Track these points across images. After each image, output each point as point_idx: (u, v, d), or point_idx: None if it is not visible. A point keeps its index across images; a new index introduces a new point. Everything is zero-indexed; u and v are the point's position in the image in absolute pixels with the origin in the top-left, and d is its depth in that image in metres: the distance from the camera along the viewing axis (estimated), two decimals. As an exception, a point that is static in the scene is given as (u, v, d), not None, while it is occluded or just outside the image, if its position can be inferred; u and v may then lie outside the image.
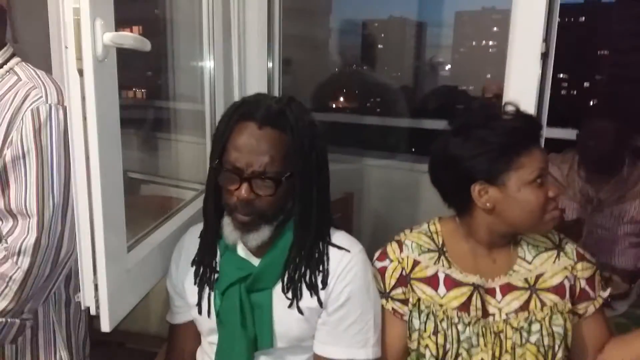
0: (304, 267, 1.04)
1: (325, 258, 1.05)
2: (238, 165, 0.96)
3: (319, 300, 1.04)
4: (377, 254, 1.17)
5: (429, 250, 1.14)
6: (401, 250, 1.14)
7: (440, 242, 1.15)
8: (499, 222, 1.07)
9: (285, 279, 1.05)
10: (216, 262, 1.10)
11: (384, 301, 1.14)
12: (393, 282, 1.13)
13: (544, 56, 1.32)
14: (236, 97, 1.76)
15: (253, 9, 1.71)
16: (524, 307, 1.08)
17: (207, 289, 1.10)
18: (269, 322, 1.05)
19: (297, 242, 1.04)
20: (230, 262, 1.08)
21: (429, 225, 1.18)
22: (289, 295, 1.04)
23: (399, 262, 1.13)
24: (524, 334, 1.07)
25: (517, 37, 1.32)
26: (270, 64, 1.81)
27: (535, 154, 1.03)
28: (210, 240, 1.08)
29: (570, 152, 1.99)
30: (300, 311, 1.04)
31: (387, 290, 1.14)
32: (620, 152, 1.83)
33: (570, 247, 1.14)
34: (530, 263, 1.12)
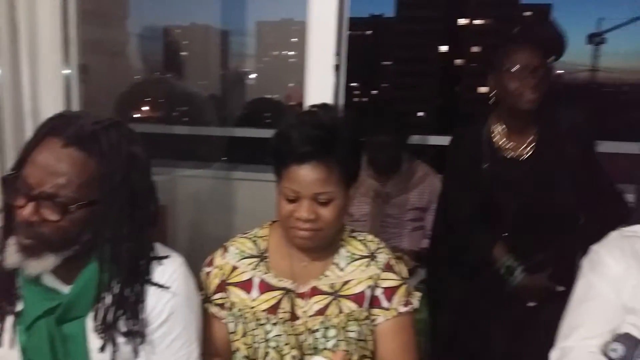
0: (118, 312, 0.97)
1: (140, 306, 0.99)
2: (29, 182, 0.88)
3: (134, 350, 0.99)
4: (206, 260, 1.19)
5: (251, 256, 1.17)
6: (223, 257, 1.17)
7: (264, 247, 1.18)
8: None
9: (98, 321, 0.97)
10: (16, 291, 0.99)
11: (207, 305, 1.16)
12: (213, 287, 1.16)
13: (337, 68, 1.48)
14: (27, 108, 1.60)
15: (44, 9, 1.57)
16: (322, 311, 1.12)
17: (8, 319, 0.99)
18: (84, 354, 0.98)
19: (102, 282, 0.96)
20: (34, 292, 0.97)
21: (259, 230, 1.21)
22: (102, 335, 0.97)
23: (219, 268, 1.16)
24: (322, 339, 1.11)
25: (313, 51, 1.47)
26: (67, 71, 1.68)
27: (294, 174, 1.03)
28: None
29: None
30: None
31: (209, 295, 1.17)
32: (398, 157, 2.15)
33: (383, 257, 1.16)
34: (342, 270, 1.15)
